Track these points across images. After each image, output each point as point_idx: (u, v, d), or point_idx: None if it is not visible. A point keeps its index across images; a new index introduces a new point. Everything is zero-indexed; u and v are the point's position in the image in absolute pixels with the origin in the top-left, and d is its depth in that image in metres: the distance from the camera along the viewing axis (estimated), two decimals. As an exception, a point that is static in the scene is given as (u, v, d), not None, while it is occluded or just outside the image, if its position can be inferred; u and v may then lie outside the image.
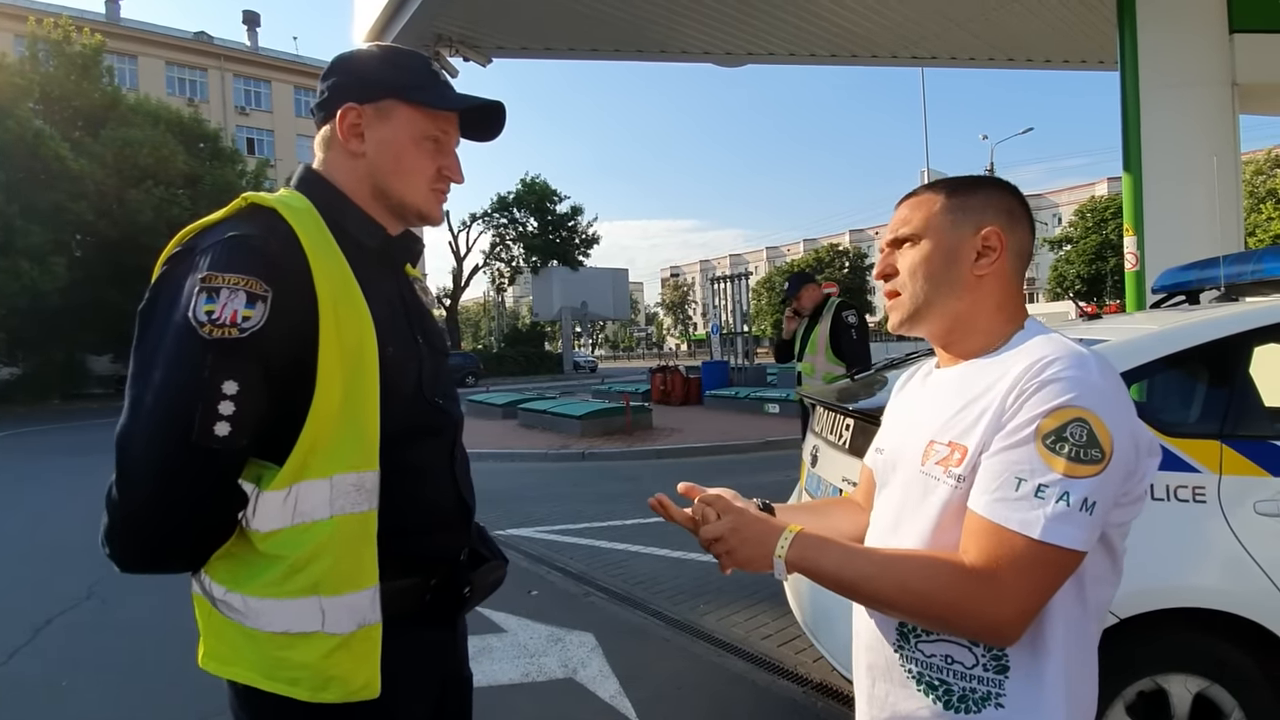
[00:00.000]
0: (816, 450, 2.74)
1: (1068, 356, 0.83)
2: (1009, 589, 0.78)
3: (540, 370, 37.31)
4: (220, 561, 0.93)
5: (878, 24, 8.66)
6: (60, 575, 4.75)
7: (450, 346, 6.82)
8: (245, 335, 0.86)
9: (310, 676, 0.90)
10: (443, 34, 8.43)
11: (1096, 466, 0.78)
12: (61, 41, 22.85)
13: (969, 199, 0.95)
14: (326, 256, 0.94)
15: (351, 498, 0.91)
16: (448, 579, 1.05)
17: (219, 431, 0.85)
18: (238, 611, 0.91)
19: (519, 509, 6.37)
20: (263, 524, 0.90)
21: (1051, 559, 0.78)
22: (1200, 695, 1.81)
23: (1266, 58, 5.80)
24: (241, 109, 37.81)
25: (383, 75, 1.04)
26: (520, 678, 3.03)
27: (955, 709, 0.86)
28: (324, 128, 1.05)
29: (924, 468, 0.91)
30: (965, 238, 0.93)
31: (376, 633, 0.93)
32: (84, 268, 22.37)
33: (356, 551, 0.92)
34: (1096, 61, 9.85)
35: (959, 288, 0.93)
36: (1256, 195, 33.38)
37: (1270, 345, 2.05)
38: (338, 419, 0.91)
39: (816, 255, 64.81)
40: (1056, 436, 0.79)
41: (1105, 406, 0.80)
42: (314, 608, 0.89)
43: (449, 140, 1.07)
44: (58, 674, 3.28)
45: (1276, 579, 1.75)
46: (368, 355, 0.93)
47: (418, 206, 1.06)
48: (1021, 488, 0.79)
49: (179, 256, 0.92)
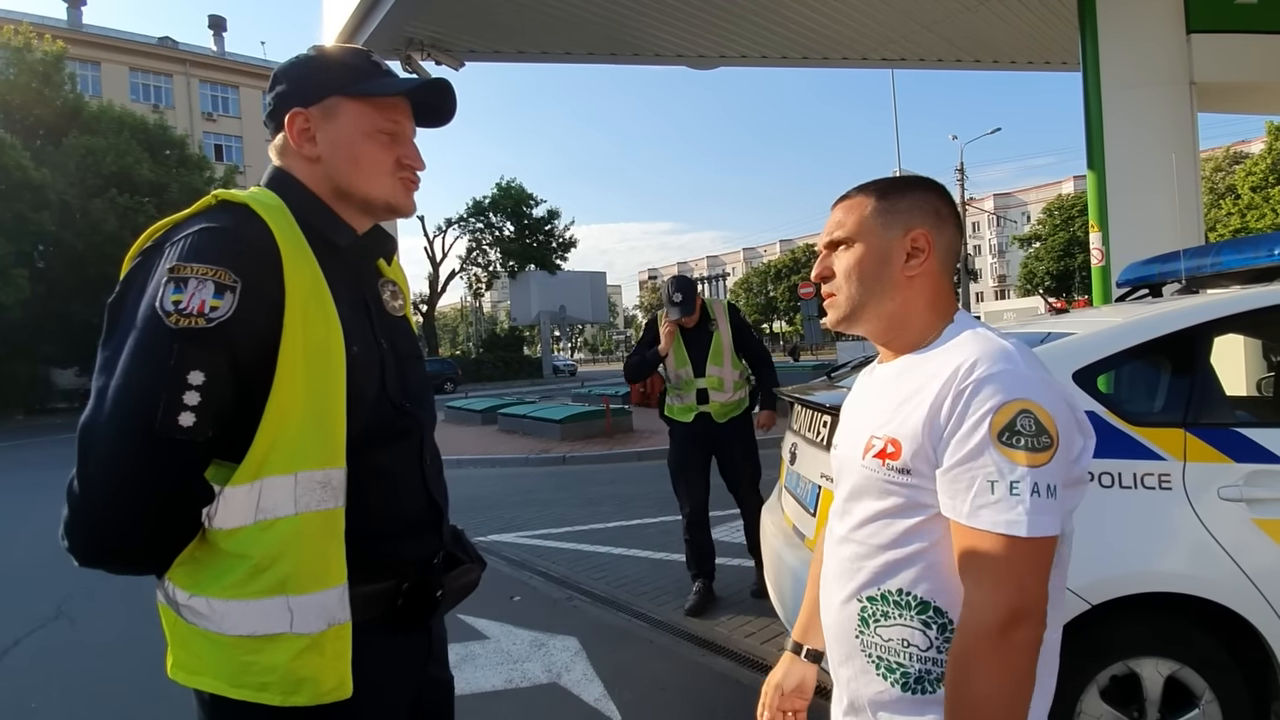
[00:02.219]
0: (795, 447, 2.76)
1: (993, 353, 0.87)
2: (1019, 586, 0.81)
3: (519, 375, 37.11)
4: (182, 566, 0.91)
5: (847, 27, 8.77)
6: (28, 595, 4.63)
7: (427, 353, 6.71)
8: (212, 325, 0.85)
9: (280, 680, 0.88)
10: (414, 38, 8.36)
11: (1049, 452, 0.82)
12: (22, 49, 22.30)
13: (898, 202, 0.98)
14: (298, 254, 0.93)
15: (317, 495, 0.90)
16: (419, 582, 1.03)
17: (183, 422, 0.83)
18: (203, 616, 0.90)
19: (500, 514, 6.33)
20: (225, 521, 0.89)
21: (1041, 549, 0.82)
22: (1172, 678, 1.86)
23: (1223, 57, 5.98)
24: (209, 115, 37.16)
25: (322, 75, 1.03)
26: (504, 684, 3.01)
27: (913, 690, 0.90)
28: (277, 137, 1.05)
29: (864, 461, 0.95)
30: (895, 240, 0.97)
31: (347, 632, 0.92)
32: (47, 280, 21.84)
33: (323, 549, 0.91)
34: (1060, 62, 10.07)
35: (891, 288, 0.97)
36: (1216, 191, 34.37)
37: (1230, 335, 2.11)
38: (302, 415, 0.90)
39: (793, 255, 65.39)
40: (1010, 431, 0.82)
41: (1041, 393, 0.84)
42: (281, 608, 0.88)
43: (403, 129, 1.06)
44: (26, 696, 3.19)
45: (1241, 562, 1.80)
46: (334, 353, 0.93)
47: (384, 199, 1.05)
48: (996, 490, 0.82)
49: (149, 251, 0.91)
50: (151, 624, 1.01)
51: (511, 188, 38.73)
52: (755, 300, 65.35)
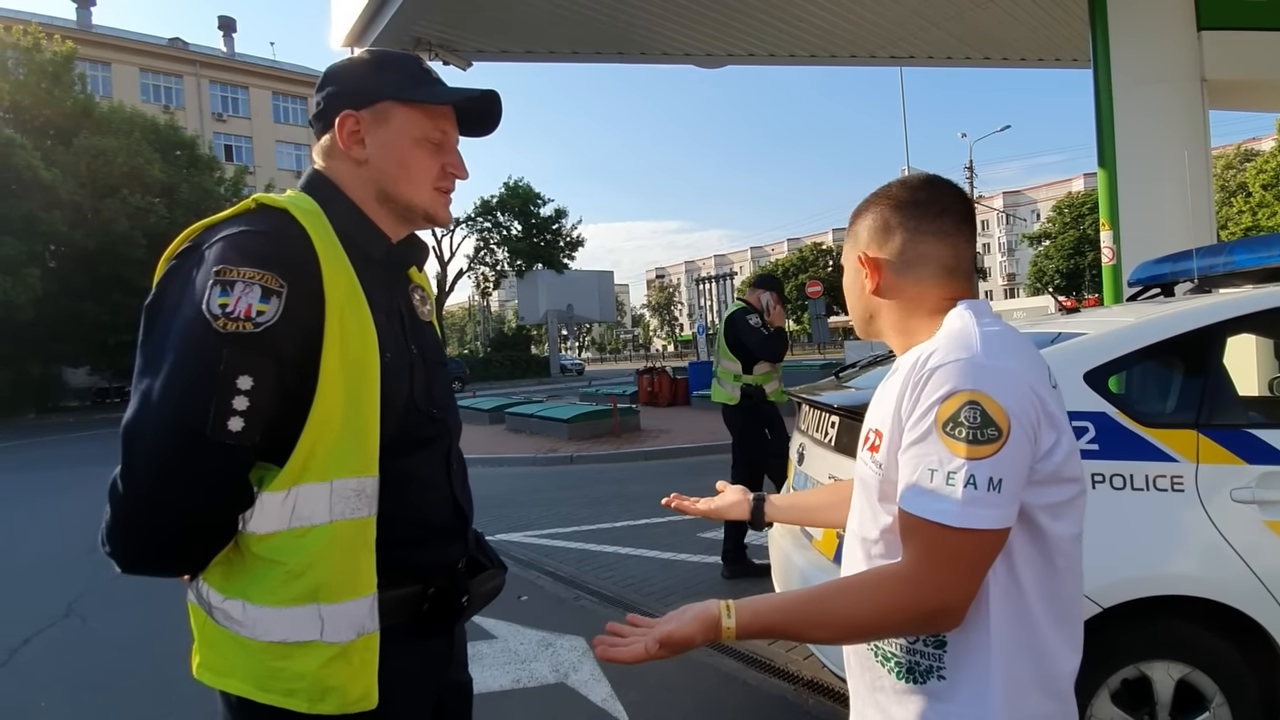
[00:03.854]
0: (803, 448, 2.76)
1: (952, 342, 0.87)
2: (943, 577, 0.82)
3: (527, 374, 37.16)
4: (217, 567, 0.92)
5: (855, 24, 8.74)
6: (38, 593, 4.65)
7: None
8: (260, 330, 0.85)
9: (308, 687, 0.89)
10: (422, 38, 8.38)
11: (995, 445, 0.81)
12: (31, 49, 22.45)
13: (854, 224, 1.03)
14: (335, 261, 0.93)
15: (351, 503, 0.90)
16: (446, 588, 1.04)
17: (233, 427, 0.84)
18: (235, 621, 0.90)
19: (507, 514, 6.35)
20: (259, 526, 0.89)
21: (975, 542, 0.81)
22: (1183, 681, 1.84)
23: (1234, 54, 5.92)
24: (219, 115, 37.37)
25: (376, 79, 1.03)
26: (511, 684, 3.01)
27: (907, 679, 0.92)
28: (324, 137, 1.05)
29: (861, 454, 0.99)
30: (856, 265, 1.02)
31: (375, 642, 0.92)
32: (58, 279, 22.00)
33: (355, 558, 0.91)
34: (1070, 59, 10.00)
35: (873, 305, 1.02)
36: (1227, 189, 34.06)
37: (1243, 335, 2.09)
38: (340, 423, 0.90)
39: (801, 254, 65.18)
40: (953, 422, 0.82)
41: (994, 384, 0.83)
42: (313, 616, 0.88)
43: (449, 138, 1.07)
44: (36, 694, 3.22)
45: (1254, 565, 1.78)
46: (370, 361, 0.93)
47: (424, 208, 1.06)
48: (934, 479, 0.82)
49: (186, 252, 0.91)
50: (161, 623, 1.02)
51: (519, 187, 38.77)
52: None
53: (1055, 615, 0.89)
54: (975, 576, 0.83)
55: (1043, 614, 0.88)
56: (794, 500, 1.40)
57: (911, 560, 0.84)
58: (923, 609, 0.83)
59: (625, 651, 0.84)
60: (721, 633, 0.85)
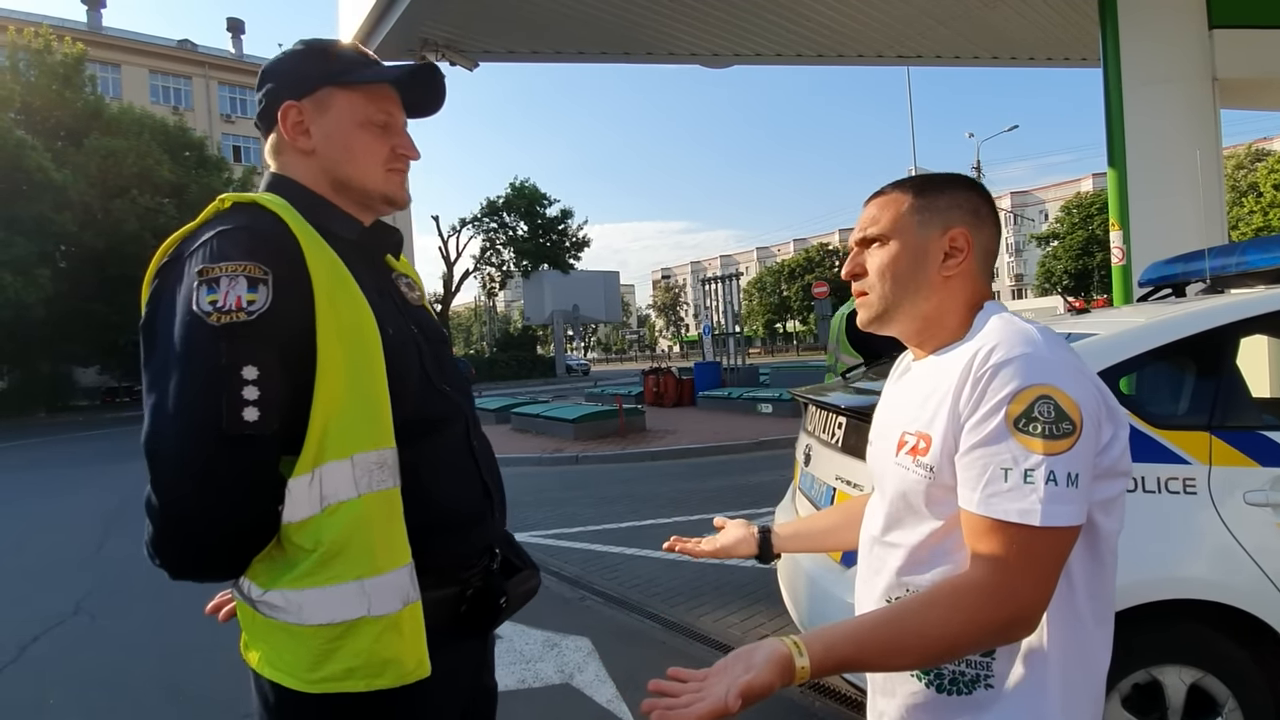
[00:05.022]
0: (809, 449, 2.74)
1: (1013, 337, 0.84)
2: (1023, 581, 0.79)
3: (533, 374, 37.22)
4: (259, 563, 0.92)
5: (862, 23, 8.71)
6: (47, 591, 4.68)
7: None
8: (254, 318, 0.85)
9: (365, 664, 0.88)
10: (428, 38, 8.40)
11: (1070, 439, 0.78)
12: (42, 51, 22.64)
13: (936, 199, 0.95)
14: (314, 242, 0.93)
15: (376, 475, 0.90)
16: (483, 589, 1.03)
17: (248, 417, 0.84)
18: (279, 609, 0.89)
19: (513, 514, 6.27)
20: (293, 514, 0.89)
21: (1054, 540, 0.79)
22: (1195, 686, 1.82)
23: (1245, 53, 5.88)
24: (227, 116, 37.58)
25: (311, 67, 1.03)
26: (516, 684, 3.01)
27: (948, 692, 0.88)
28: (270, 136, 1.05)
29: (896, 459, 0.92)
30: (933, 239, 0.94)
31: (420, 610, 0.92)
32: (69, 279, 22.17)
33: (388, 528, 0.91)
34: (1080, 58, 9.94)
35: (926, 288, 0.94)
36: (1238, 189, 33.81)
37: (1257, 336, 2.07)
38: (347, 398, 0.90)
39: (807, 254, 65.06)
40: (1026, 418, 0.79)
41: (1063, 378, 0.80)
42: (357, 591, 0.88)
43: (395, 119, 1.06)
44: (45, 692, 3.23)
45: (1268, 569, 1.76)
46: (368, 334, 0.92)
47: (379, 190, 1.05)
48: (1010, 478, 0.79)
49: (168, 266, 0.91)
50: (170, 621, 1.02)
51: (525, 187, 38.83)
52: (769, 300, 65.12)
53: (1100, 614, 0.87)
54: (1052, 579, 0.80)
55: (1090, 613, 0.86)
56: (800, 527, 1.32)
57: (987, 567, 0.80)
58: (1002, 618, 0.79)
59: (691, 711, 0.74)
60: (795, 675, 0.77)
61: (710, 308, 18.47)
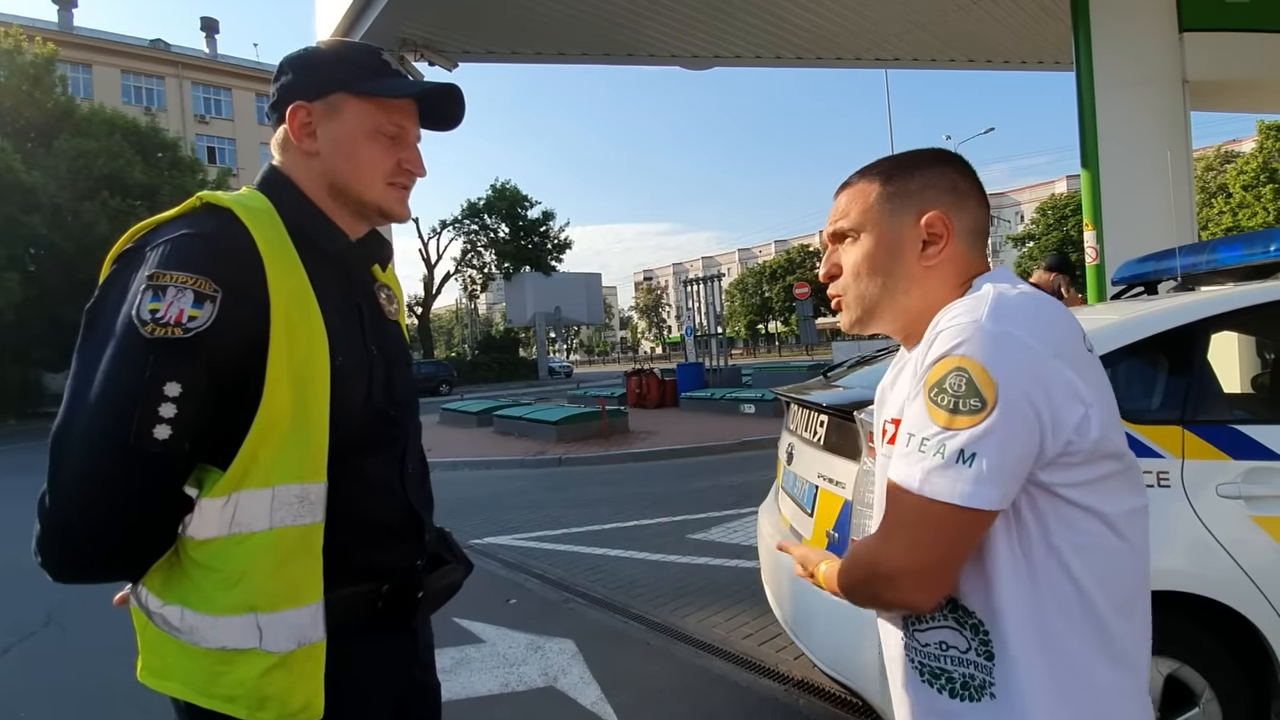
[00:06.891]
0: (792, 448, 2.75)
1: (966, 305, 0.79)
2: (899, 542, 0.78)
3: (515, 377, 37.04)
4: (157, 572, 0.89)
5: (841, 26, 8.79)
6: (16, 602, 4.57)
7: (422, 355, 6.68)
8: (189, 335, 0.82)
9: (247, 695, 0.87)
10: (407, 38, 8.35)
11: (976, 416, 0.73)
12: (12, 51, 22.14)
13: (907, 183, 0.88)
14: (282, 262, 0.90)
15: (294, 510, 0.88)
16: (400, 584, 1.01)
17: (158, 435, 0.81)
18: (174, 628, 0.88)
19: (496, 517, 6.31)
20: (198, 531, 0.87)
21: (937, 514, 0.75)
22: (1171, 677, 1.85)
23: (1215, 55, 6.01)
24: (201, 117, 37.02)
25: (330, 70, 1.00)
26: (500, 688, 2.98)
27: (961, 697, 0.83)
28: (278, 130, 1.02)
29: (883, 450, 0.92)
30: (907, 226, 0.87)
31: (319, 652, 0.90)
32: (38, 283, 21.68)
33: (296, 566, 0.89)
34: (1053, 62, 10.12)
35: (906, 281, 0.87)
36: (1208, 190, 34.57)
37: (1227, 333, 2.11)
38: (287, 428, 0.87)
39: (788, 256, 65.47)
40: (939, 388, 0.76)
41: (989, 351, 0.74)
42: (250, 625, 0.86)
43: (406, 133, 1.04)
44: (15, 705, 3.15)
45: (1240, 560, 1.79)
46: (318, 366, 0.90)
47: (377, 203, 1.03)
48: (910, 444, 0.78)
49: (129, 254, 0.89)
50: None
51: (506, 189, 38.68)
52: (750, 301, 65.42)
53: (1117, 601, 0.80)
54: (936, 550, 0.76)
55: (1105, 609, 0.79)
56: None
57: (884, 521, 0.82)
58: (882, 569, 0.80)
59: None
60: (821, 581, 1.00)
61: (692, 309, 18.52)
